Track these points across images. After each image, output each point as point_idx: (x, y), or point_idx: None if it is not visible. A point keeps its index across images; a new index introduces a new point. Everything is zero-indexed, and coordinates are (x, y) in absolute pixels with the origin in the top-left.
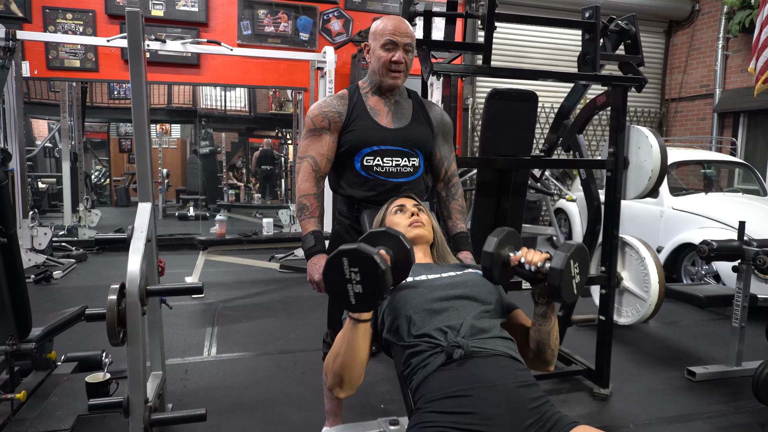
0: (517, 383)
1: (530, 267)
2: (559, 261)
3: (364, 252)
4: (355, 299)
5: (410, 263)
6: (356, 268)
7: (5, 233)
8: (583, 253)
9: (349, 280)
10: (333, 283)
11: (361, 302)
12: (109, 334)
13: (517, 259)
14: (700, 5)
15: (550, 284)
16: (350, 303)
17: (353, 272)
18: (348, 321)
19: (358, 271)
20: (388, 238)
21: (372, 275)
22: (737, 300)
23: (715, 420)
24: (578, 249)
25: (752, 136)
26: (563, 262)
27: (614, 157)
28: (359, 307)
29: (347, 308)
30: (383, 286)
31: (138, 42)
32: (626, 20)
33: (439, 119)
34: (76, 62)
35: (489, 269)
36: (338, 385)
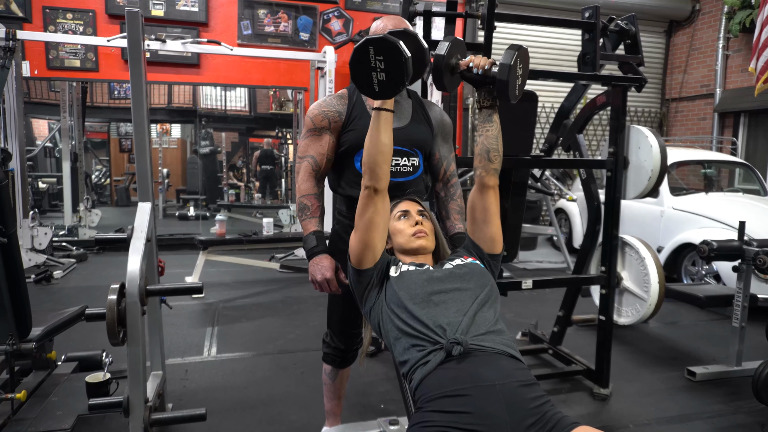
0: (517, 383)
1: (478, 70)
2: (508, 57)
3: (390, 41)
4: (378, 87)
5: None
6: (381, 57)
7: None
8: (525, 55)
9: (374, 68)
10: (359, 72)
11: (385, 89)
12: (109, 334)
13: (465, 64)
14: (701, 5)
15: (499, 80)
16: (374, 90)
17: (378, 60)
18: (376, 114)
19: (383, 59)
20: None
21: (396, 62)
22: (737, 300)
23: (715, 420)
24: (523, 50)
25: (753, 136)
26: (512, 58)
27: (614, 157)
28: (382, 94)
29: (371, 95)
30: (405, 73)
31: (138, 42)
32: (626, 20)
33: (438, 119)
34: (77, 62)
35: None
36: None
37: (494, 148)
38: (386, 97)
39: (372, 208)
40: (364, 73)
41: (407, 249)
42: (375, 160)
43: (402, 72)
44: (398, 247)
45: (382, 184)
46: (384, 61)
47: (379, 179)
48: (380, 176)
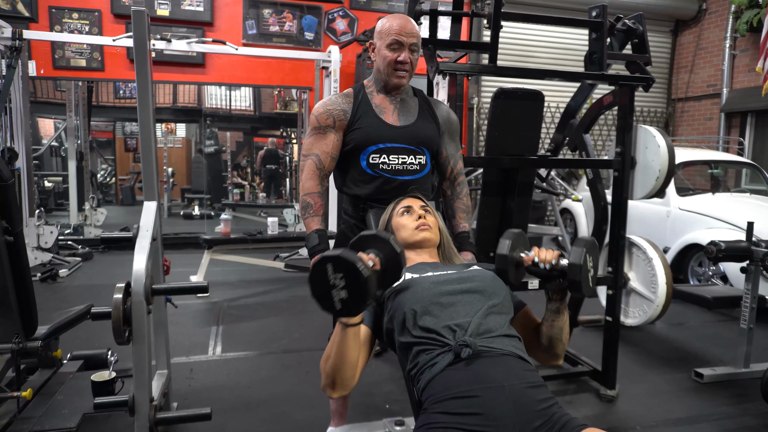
0: (525, 384)
1: (545, 265)
2: (577, 256)
3: (347, 258)
4: (340, 304)
5: (401, 267)
6: (340, 274)
7: (12, 232)
8: (595, 247)
9: (333, 286)
10: (318, 288)
11: (346, 308)
12: (114, 332)
13: (530, 259)
14: (707, 4)
15: (571, 279)
16: (335, 308)
17: (337, 278)
18: (338, 325)
19: (342, 276)
20: (378, 241)
21: (355, 281)
22: (745, 301)
23: (723, 422)
24: (592, 243)
25: (760, 136)
26: (581, 257)
27: (621, 157)
28: (344, 312)
29: (333, 313)
30: (366, 292)
31: (144, 41)
32: (633, 19)
33: (445, 117)
34: (82, 61)
35: (504, 271)
36: (330, 386)
37: (558, 338)
38: (348, 315)
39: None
40: (322, 289)
41: (411, 242)
42: (343, 376)
43: (362, 291)
44: (402, 241)
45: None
46: (343, 278)
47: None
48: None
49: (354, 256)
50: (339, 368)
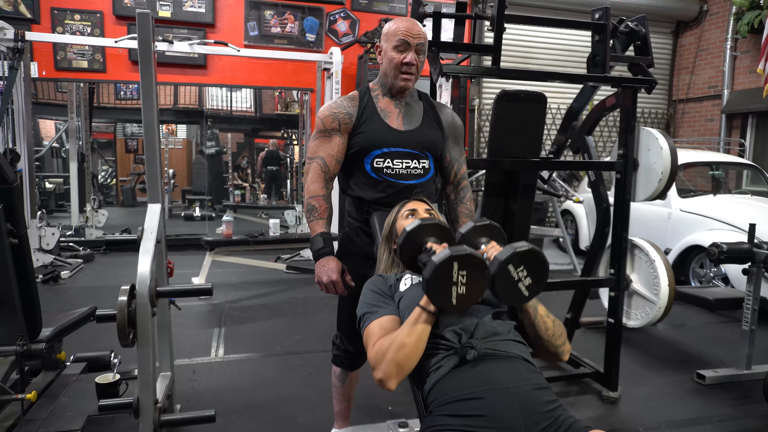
0: (530, 386)
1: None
2: (494, 267)
3: (476, 256)
4: (456, 300)
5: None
6: (465, 272)
7: (16, 234)
8: (530, 255)
9: (455, 283)
10: (439, 284)
11: (461, 302)
12: (119, 335)
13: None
14: (708, 6)
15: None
16: (451, 303)
17: (461, 275)
18: (423, 315)
19: (466, 274)
20: None
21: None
22: (747, 303)
23: (725, 424)
24: (520, 253)
25: (761, 138)
26: (497, 268)
27: (624, 159)
28: (458, 306)
29: (446, 307)
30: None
31: (148, 44)
32: (636, 21)
33: (449, 121)
34: (84, 63)
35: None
36: (396, 375)
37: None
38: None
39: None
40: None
41: None
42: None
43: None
44: None
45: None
46: (467, 276)
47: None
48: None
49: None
50: (414, 355)
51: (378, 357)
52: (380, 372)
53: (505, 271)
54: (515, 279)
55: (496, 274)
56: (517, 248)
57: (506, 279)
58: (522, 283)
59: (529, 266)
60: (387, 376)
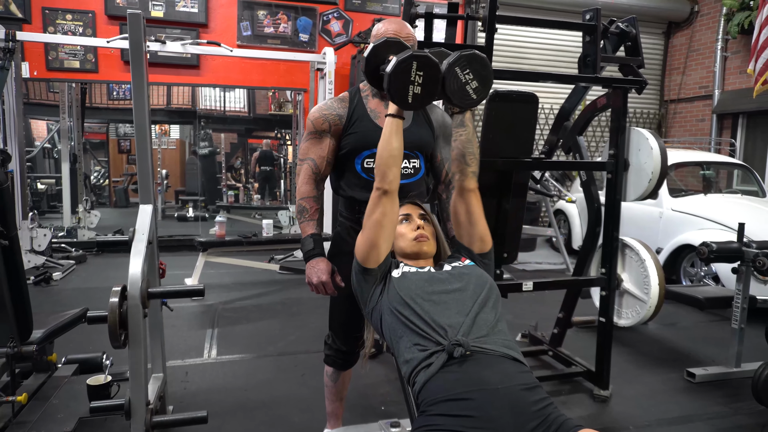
0: (520, 386)
1: None
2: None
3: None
4: (412, 99)
5: None
6: (422, 72)
7: (7, 235)
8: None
9: (412, 82)
10: (398, 80)
11: (415, 102)
12: (110, 336)
13: None
14: (699, 7)
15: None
16: (407, 101)
17: (419, 75)
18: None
19: (423, 74)
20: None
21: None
22: (737, 302)
23: (715, 421)
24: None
25: (751, 138)
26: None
27: (614, 159)
28: (414, 105)
29: (403, 105)
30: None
31: (139, 44)
32: (626, 22)
33: (440, 121)
34: (76, 63)
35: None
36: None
37: (470, 152)
38: (416, 108)
39: (380, 209)
40: (401, 82)
41: (408, 253)
42: (386, 163)
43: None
44: (399, 251)
45: (393, 186)
46: (423, 76)
47: (389, 181)
48: (390, 178)
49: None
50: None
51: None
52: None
53: (453, 73)
54: (463, 81)
55: (445, 74)
56: (463, 52)
57: (455, 79)
58: (469, 86)
59: (473, 69)
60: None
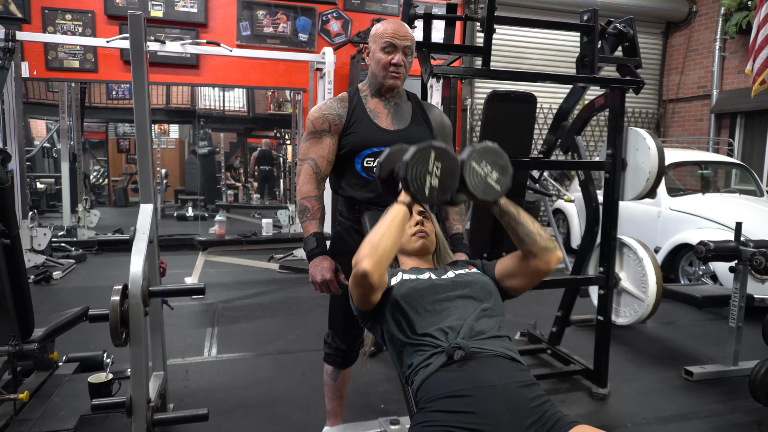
0: (517, 383)
1: None
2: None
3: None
4: (429, 191)
5: None
6: (439, 163)
7: (8, 234)
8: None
9: (429, 173)
10: (415, 170)
11: (432, 195)
12: (112, 334)
13: None
14: (698, 7)
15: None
16: (424, 194)
17: (437, 167)
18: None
19: (441, 166)
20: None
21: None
22: (734, 300)
23: (712, 419)
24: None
25: (749, 137)
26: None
27: (612, 159)
28: (430, 198)
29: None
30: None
31: (140, 45)
32: (624, 23)
33: (438, 121)
34: (75, 63)
35: None
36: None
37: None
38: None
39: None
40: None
41: (408, 250)
42: (387, 253)
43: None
44: (399, 247)
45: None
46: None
47: (382, 269)
48: (384, 266)
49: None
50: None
51: (361, 251)
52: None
53: (470, 168)
54: (482, 174)
55: (463, 173)
56: (475, 146)
57: (474, 175)
58: (490, 177)
59: (490, 160)
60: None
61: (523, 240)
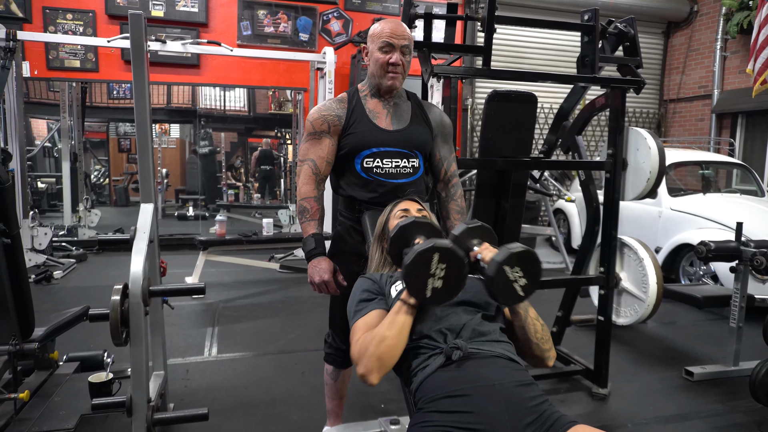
0: (515, 383)
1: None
2: (492, 269)
3: (458, 253)
4: (431, 292)
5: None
6: (444, 265)
7: (9, 234)
8: (525, 255)
9: (432, 274)
10: (416, 272)
11: (436, 296)
12: (112, 334)
13: (474, 255)
14: (699, 6)
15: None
16: (425, 294)
17: (441, 268)
18: (403, 308)
19: (446, 267)
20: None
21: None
22: (735, 300)
23: (713, 419)
24: (516, 254)
25: (750, 137)
26: (495, 270)
27: (613, 159)
28: (432, 300)
29: (420, 298)
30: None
31: (141, 45)
32: (625, 22)
33: (438, 120)
34: (76, 62)
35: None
36: (378, 369)
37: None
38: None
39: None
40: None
41: None
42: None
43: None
44: None
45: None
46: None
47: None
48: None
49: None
50: (396, 348)
51: (360, 352)
52: (362, 367)
53: (502, 272)
54: (511, 279)
55: (494, 276)
56: (512, 249)
57: (503, 279)
58: (517, 284)
59: (523, 267)
60: (368, 370)
61: (520, 340)
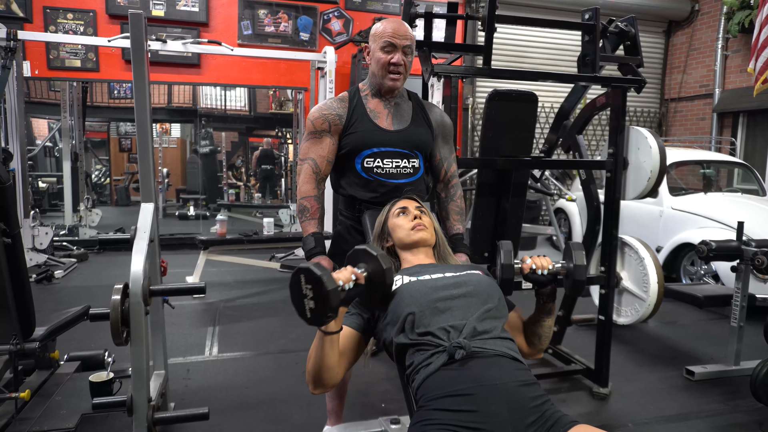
0: (517, 382)
1: (542, 271)
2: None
3: (315, 272)
4: (309, 313)
5: (388, 282)
6: (309, 285)
7: (9, 233)
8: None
9: (305, 296)
10: (294, 296)
11: (313, 317)
12: (113, 333)
13: (528, 267)
14: (700, 5)
15: (577, 280)
16: (306, 316)
17: (308, 289)
18: (318, 331)
19: (311, 288)
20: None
21: (320, 294)
22: (736, 300)
23: (714, 419)
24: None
25: (751, 136)
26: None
27: (614, 158)
28: (312, 321)
29: (303, 319)
30: (329, 305)
31: (141, 44)
32: (626, 21)
33: (439, 120)
34: (77, 62)
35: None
36: (311, 382)
37: (546, 335)
38: (315, 324)
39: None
40: (297, 298)
41: (407, 243)
42: (321, 377)
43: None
44: (399, 242)
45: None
46: (312, 290)
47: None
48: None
49: (322, 271)
50: (318, 369)
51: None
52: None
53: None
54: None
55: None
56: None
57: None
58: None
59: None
60: (307, 381)
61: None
